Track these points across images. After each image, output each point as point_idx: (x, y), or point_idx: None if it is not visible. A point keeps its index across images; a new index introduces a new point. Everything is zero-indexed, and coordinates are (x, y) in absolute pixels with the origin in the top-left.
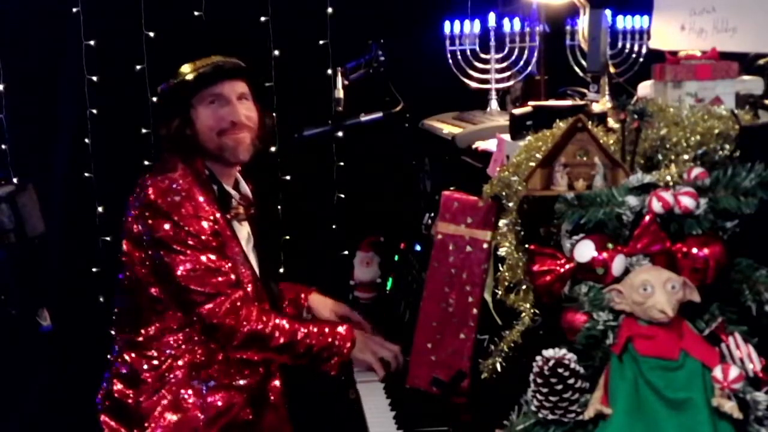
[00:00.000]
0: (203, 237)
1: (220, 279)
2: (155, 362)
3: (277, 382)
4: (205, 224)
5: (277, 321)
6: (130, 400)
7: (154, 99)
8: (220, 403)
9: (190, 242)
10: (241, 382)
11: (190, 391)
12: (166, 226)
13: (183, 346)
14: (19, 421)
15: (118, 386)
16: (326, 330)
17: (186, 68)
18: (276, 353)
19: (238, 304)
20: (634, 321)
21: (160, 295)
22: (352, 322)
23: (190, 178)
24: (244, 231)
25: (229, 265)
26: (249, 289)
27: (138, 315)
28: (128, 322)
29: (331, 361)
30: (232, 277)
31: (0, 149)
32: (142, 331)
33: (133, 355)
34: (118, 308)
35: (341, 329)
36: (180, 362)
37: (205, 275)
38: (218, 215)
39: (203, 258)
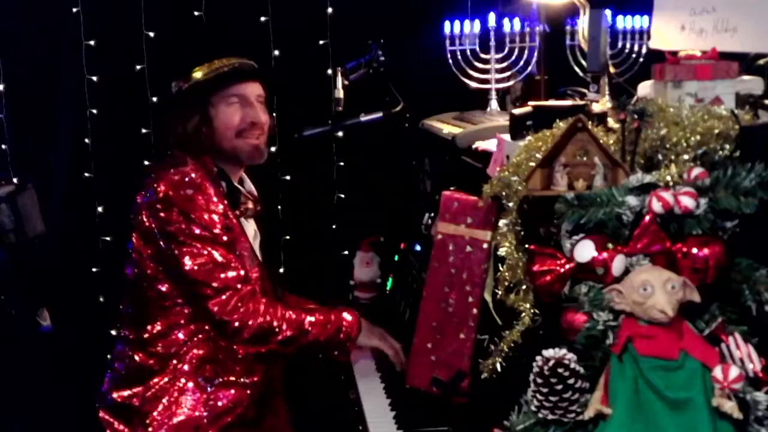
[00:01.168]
0: (214, 230)
1: (229, 274)
2: (160, 359)
3: (279, 382)
4: (216, 218)
5: (284, 313)
6: (134, 399)
7: (154, 99)
8: (223, 402)
9: (202, 235)
10: (247, 379)
11: (194, 389)
12: (178, 219)
13: (189, 343)
14: (19, 421)
15: (121, 384)
16: (332, 318)
17: (205, 67)
18: (284, 345)
19: (246, 297)
20: (634, 321)
21: (168, 290)
22: None
23: (201, 173)
24: (251, 228)
25: (239, 260)
26: (258, 285)
27: (144, 312)
28: (133, 320)
29: (341, 348)
30: (241, 272)
31: (0, 149)
32: (148, 328)
33: (137, 352)
34: (123, 306)
35: (347, 316)
36: (186, 359)
37: (214, 270)
38: (228, 211)
39: (213, 252)
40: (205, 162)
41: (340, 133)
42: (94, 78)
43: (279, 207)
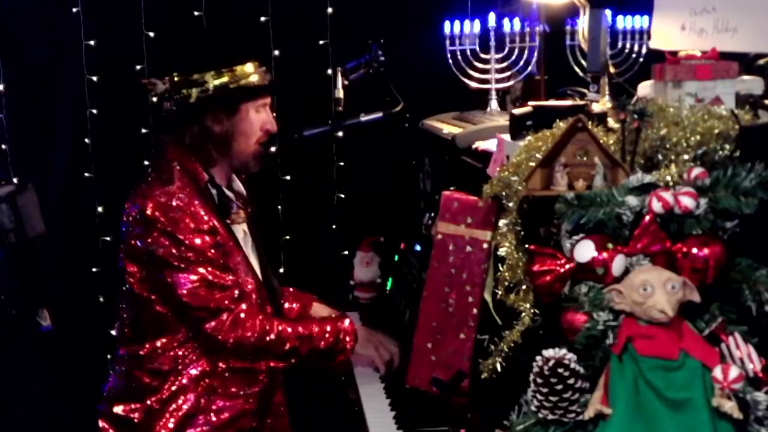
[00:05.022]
0: (205, 251)
1: (222, 294)
2: (160, 376)
3: (281, 390)
4: (207, 237)
5: (281, 327)
6: (135, 414)
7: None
8: (226, 415)
9: (192, 258)
10: (249, 391)
11: (195, 403)
12: (167, 243)
13: (188, 358)
14: (19, 421)
15: (122, 399)
16: (329, 328)
17: (229, 74)
18: (282, 360)
19: (242, 316)
20: (634, 321)
21: (163, 311)
22: None
23: (188, 189)
24: (240, 231)
25: (232, 278)
26: (253, 296)
27: (140, 330)
28: (131, 336)
29: (337, 359)
30: (235, 291)
31: (0, 149)
32: (147, 345)
33: (136, 369)
34: (120, 321)
35: (344, 325)
36: (185, 374)
37: (207, 292)
38: (218, 224)
39: (205, 274)
40: (194, 170)
41: (340, 133)
42: (94, 78)
43: (279, 207)
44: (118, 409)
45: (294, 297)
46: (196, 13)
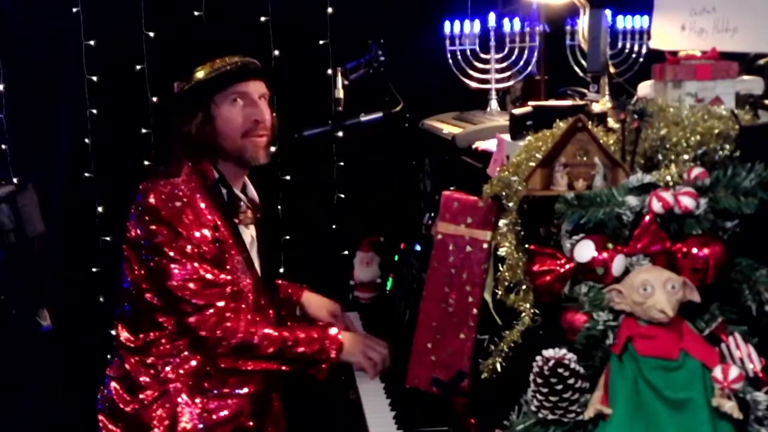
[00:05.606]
0: (201, 246)
1: (213, 290)
2: (154, 370)
3: (277, 389)
4: (206, 232)
5: (266, 331)
6: (128, 408)
7: (154, 99)
8: (219, 415)
9: (187, 251)
10: (242, 391)
11: (188, 401)
12: (165, 232)
13: (182, 354)
14: (19, 421)
15: (118, 392)
16: (315, 335)
17: (207, 66)
18: (265, 362)
19: (227, 314)
20: (634, 321)
21: (157, 302)
22: (342, 322)
23: (193, 184)
24: (248, 235)
25: (224, 276)
26: (250, 297)
27: (137, 320)
28: (128, 327)
29: (320, 366)
30: (227, 289)
31: (0, 149)
32: (141, 336)
33: (132, 361)
34: (119, 312)
35: (330, 332)
36: (180, 370)
37: (198, 286)
38: (220, 222)
39: (198, 268)
40: (205, 168)
41: (340, 133)
42: (94, 78)
43: (279, 207)
44: (115, 404)
45: (280, 288)
46: (196, 13)
